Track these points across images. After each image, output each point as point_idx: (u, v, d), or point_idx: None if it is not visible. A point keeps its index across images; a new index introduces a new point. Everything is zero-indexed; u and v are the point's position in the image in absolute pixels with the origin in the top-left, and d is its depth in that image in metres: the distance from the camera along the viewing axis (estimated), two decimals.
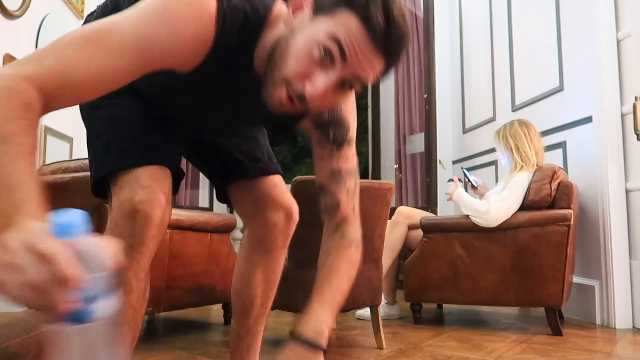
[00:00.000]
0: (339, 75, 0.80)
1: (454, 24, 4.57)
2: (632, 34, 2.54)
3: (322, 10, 0.80)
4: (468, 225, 2.49)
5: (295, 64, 0.80)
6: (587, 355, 1.96)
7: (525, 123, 2.65)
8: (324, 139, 1.03)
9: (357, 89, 0.85)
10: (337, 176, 1.03)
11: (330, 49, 0.78)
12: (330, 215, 1.05)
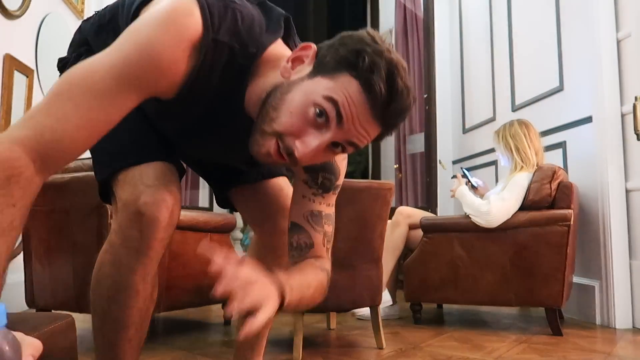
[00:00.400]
0: (332, 138, 0.79)
1: (454, 24, 4.57)
2: (632, 34, 2.54)
3: (324, 69, 0.78)
4: (468, 225, 2.49)
5: (289, 120, 0.78)
6: (587, 355, 1.96)
7: (525, 123, 2.65)
8: (311, 182, 1.00)
9: (349, 151, 0.84)
10: (317, 218, 1.00)
11: (327, 110, 0.76)
12: (301, 254, 0.99)
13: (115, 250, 0.92)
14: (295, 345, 1.86)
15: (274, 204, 1.19)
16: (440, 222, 2.65)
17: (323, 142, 0.78)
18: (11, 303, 2.62)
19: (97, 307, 0.97)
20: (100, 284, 0.95)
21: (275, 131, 0.79)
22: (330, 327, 2.44)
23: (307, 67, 0.81)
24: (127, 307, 0.95)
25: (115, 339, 0.98)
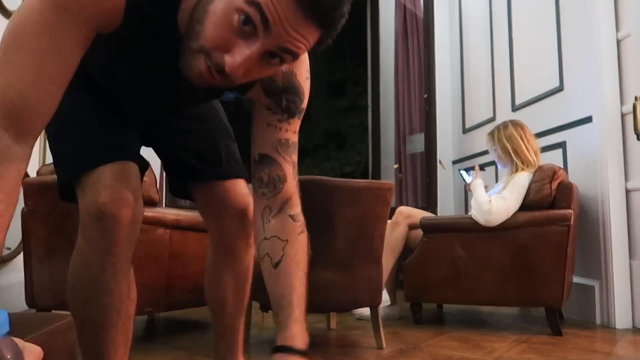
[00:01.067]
0: (263, 46, 0.71)
1: (454, 24, 4.57)
2: (632, 34, 2.54)
3: None
4: (468, 225, 2.49)
5: (214, 33, 0.71)
6: (587, 355, 1.96)
7: (520, 124, 2.64)
8: (274, 107, 0.93)
9: (289, 61, 0.75)
10: (285, 147, 0.94)
11: (251, 15, 0.69)
12: (275, 190, 0.93)
13: (82, 253, 0.92)
14: None
15: (217, 204, 1.17)
16: (440, 222, 2.65)
17: (253, 53, 0.71)
18: (11, 303, 2.62)
19: (75, 311, 0.96)
20: (75, 288, 0.95)
21: (202, 47, 0.72)
22: (330, 327, 2.44)
23: None
24: (103, 308, 0.95)
25: (97, 341, 0.97)
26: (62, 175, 0.96)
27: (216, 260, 1.25)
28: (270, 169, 0.93)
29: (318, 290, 1.92)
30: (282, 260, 0.92)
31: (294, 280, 0.91)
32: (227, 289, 1.25)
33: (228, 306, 1.27)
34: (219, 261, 1.24)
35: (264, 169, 0.94)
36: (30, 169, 2.88)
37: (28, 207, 2.16)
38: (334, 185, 1.94)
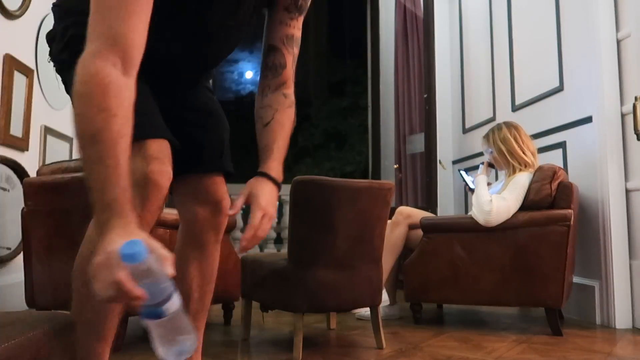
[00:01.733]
0: None
1: (454, 24, 4.57)
2: (632, 34, 2.54)
3: None
4: (468, 225, 2.49)
5: None
6: (587, 355, 1.96)
7: (514, 125, 2.64)
8: (292, 6, 1.15)
9: None
10: (291, 41, 1.16)
11: None
12: (276, 73, 1.16)
13: None
14: (295, 345, 1.86)
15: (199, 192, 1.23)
16: (440, 222, 2.65)
17: None
18: (11, 303, 2.62)
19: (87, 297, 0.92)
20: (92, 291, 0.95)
21: None
22: (330, 327, 2.44)
23: None
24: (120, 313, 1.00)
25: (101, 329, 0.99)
26: None
27: (185, 252, 1.27)
28: (275, 57, 1.15)
29: (318, 290, 1.92)
30: (271, 121, 1.13)
31: (277, 135, 1.12)
32: (193, 282, 1.27)
33: (193, 302, 1.27)
34: (188, 253, 1.27)
35: (270, 56, 1.16)
36: (30, 169, 2.88)
37: (28, 207, 2.16)
38: (334, 185, 1.94)
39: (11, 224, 2.65)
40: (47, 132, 3.15)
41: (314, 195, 1.92)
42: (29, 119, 2.93)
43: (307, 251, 1.92)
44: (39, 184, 2.13)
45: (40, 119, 3.06)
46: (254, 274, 2.13)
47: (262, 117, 1.14)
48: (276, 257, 2.10)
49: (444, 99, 4.35)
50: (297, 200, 1.93)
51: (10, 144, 2.77)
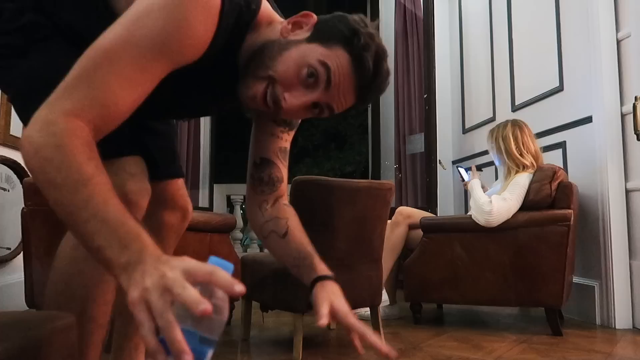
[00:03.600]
0: (317, 98, 0.87)
1: (454, 24, 4.57)
2: (632, 34, 2.54)
3: (321, 38, 0.87)
4: (468, 225, 2.49)
5: (284, 71, 0.85)
6: (587, 356, 1.96)
7: (519, 125, 2.63)
8: (280, 121, 1.09)
9: (325, 114, 0.91)
10: (284, 154, 1.12)
11: (319, 72, 0.85)
12: (274, 187, 1.11)
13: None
14: (295, 345, 1.86)
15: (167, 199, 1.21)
16: (440, 222, 2.65)
17: (309, 100, 0.87)
18: (11, 303, 2.62)
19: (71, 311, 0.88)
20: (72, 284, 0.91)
21: (270, 76, 0.86)
22: (330, 327, 2.44)
23: (305, 33, 0.89)
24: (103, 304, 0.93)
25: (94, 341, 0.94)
26: None
27: None
28: (271, 171, 1.10)
29: None
30: (288, 230, 1.07)
31: (303, 240, 1.07)
32: None
33: None
34: None
35: (265, 170, 1.10)
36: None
37: (28, 207, 2.16)
38: (334, 185, 1.94)
39: (11, 224, 2.65)
40: None
41: (314, 195, 1.92)
42: None
43: None
44: None
45: None
46: (254, 274, 2.13)
47: (275, 229, 1.08)
48: None
49: (444, 99, 4.35)
50: (297, 200, 1.93)
51: (10, 144, 2.77)
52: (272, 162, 1.10)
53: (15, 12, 0.93)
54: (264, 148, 1.10)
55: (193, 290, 0.59)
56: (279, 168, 1.11)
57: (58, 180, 0.67)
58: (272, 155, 1.10)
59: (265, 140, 1.10)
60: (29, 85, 0.90)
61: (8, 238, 2.74)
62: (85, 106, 0.72)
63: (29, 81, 0.90)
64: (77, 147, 0.69)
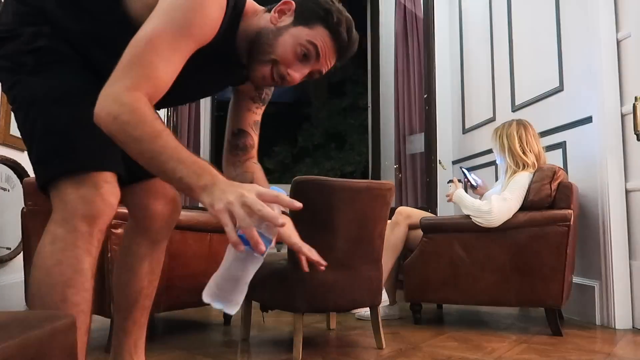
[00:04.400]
0: (311, 68, 1.13)
1: (454, 24, 4.57)
2: (632, 34, 2.54)
3: (303, 21, 1.10)
4: (468, 225, 2.49)
5: (283, 53, 1.09)
6: (587, 356, 1.96)
7: (524, 124, 2.63)
8: (257, 98, 1.33)
9: (317, 77, 1.17)
10: (256, 126, 1.35)
11: (310, 50, 1.10)
12: (246, 152, 1.32)
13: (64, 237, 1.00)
14: (295, 345, 1.86)
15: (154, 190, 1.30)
16: (440, 222, 2.65)
17: (306, 71, 1.12)
18: (11, 303, 2.62)
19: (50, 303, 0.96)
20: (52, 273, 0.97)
21: (272, 59, 1.09)
22: (330, 327, 2.44)
23: (289, 18, 1.11)
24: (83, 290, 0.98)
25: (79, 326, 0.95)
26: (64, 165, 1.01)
27: (139, 251, 1.31)
28: (246, 140, 1.33)
29: (318, 290, 1.92)
30: (253, 181, 1.27)
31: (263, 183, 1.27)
32: (144, 280, 1.31)
33: (141, 299, 1.31)
34: (141, 252, 1.31)
35: (241, 138, 1.33)
36: (30, 169, 2.88)
37: (28, 207, 2.15)
38: (334, 185, 1.94)
39: (11, 224, 2.65)
40: None
41: (314, 196, 1.92)
42: None
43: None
44: None
45: None
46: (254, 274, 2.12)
47: (243, 181, 1.24)
48: (276, 257, 2.10)
49: (444, 99, 4.35)
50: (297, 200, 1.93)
51: (10, 144, 2.77)
52: (247, 133, 1.33)
53: (32, 35, 1.08)
54: (241, 121, 1.33)
55: (268, 208, 0.85)
56: (252, 137, 1.34)
57: (137, 136, 0.88)
58: (248, 127, 1.33)
59: (243, 115, 1.33)
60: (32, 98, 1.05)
61: (8, 238, 2.74)
62: (140, 82, 0.93)
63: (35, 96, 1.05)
64: (146, 110, 0.90)
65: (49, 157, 1.03)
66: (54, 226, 1.03)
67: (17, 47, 1.08)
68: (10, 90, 1.09)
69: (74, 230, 1.00)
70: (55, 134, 1.03)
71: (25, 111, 1.06)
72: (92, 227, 1.01)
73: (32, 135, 1.05)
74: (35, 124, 1.04)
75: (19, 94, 1.07)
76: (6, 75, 1.10)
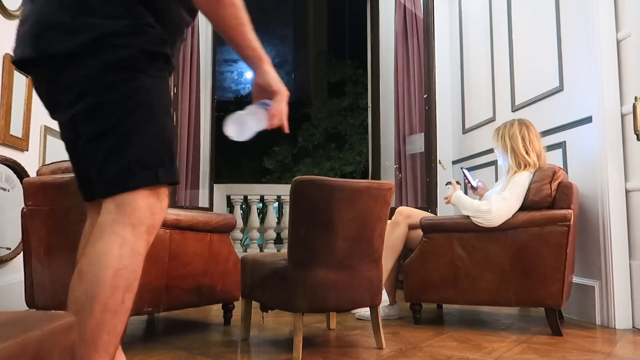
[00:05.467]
0: None
1: (454, 24, 4.57)
2: (632, 34, 2.54)
3: None
4: (468, 225, 2.49)
5: None
6: (587, 356, 1.96)
7: (526, 124, 2.63)
8: None
9: None
10: None
11: None
12: None
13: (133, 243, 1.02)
14: (295, 345, 1.86)
15: None
16: (440, 222, 2.65)
17: None
18: (11, 303, 2.62)
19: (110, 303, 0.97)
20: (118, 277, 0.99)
21: None
22: (330, 327, 2.44)
23: None
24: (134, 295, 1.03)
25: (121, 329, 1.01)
26: (171, 175, 1.09)
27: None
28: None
29: (318, 290, 1.92)
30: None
31: None
32: None
33: None
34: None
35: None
36: (30, 169, 2.88)
37: (28, 207, 2.16)
38: (334, 185, 1.94)
39: (11, 224, 2.65)
40: (47, 132, 3.15)
41: (314, 196, 1.92)
42: (29, 119, 2.93)
43: (307, 251, 1.92)
44: (39, 184, 2.13)
45: (40, 119, 3.06)
46: (254, 274, 2.13)
47: None
48: (276, 257, 2.10)
49: (444, 99, 4.35)
50: (297, 200, 1.93)
51: (10, 144, 2.77)
52: None
53: (160, 39, 1.10)
54: None
55: None
56: None
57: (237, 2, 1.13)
58: None
59: None
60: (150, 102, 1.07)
61: (8, 238, 2.74)
62: None
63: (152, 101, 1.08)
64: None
65: (151, 162, 1.05)
66: (121, 229, 1.01)
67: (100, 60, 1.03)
68: (123, 83, 1.04)
69: (140, 238, 1.02)
70: (163, 143, 1.07)
71: (134, 108, 1.04)
72: (150, 237, 1.05)
73: (136, 135, 1.04)
74: (148, 128, 1.05)
75: (134, 91, 1.05)
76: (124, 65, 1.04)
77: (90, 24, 1.03)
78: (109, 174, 1.03)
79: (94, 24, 1.03)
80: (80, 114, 1.05)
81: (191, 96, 4.59)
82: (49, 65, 1.06)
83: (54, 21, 1.04)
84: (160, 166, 1.05)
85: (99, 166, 1.04)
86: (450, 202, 2.64)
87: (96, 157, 1.04)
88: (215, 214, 2.55)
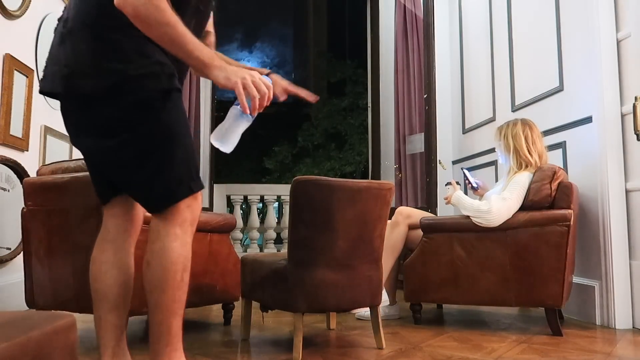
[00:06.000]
0: None
1: (454, 24, 4.57)
2: (632, 34, 2.54)
3: None
4: (468, 225, 2.49)
5: None
6: (587, 356, 1.96)
7: (529, 124, 2.63)
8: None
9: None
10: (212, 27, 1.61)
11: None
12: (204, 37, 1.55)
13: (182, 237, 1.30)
14: (295, 345, 1.86)
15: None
16: (440, 222, 2.65)
17: None
18: (11, 303, 2.62)
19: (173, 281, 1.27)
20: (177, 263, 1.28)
21: None
22: (330, 327, 2.44)
23: None
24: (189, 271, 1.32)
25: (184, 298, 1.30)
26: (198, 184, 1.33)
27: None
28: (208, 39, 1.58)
29: (318, 290, 1.92)
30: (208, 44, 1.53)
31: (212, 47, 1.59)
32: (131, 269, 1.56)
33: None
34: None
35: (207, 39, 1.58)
36: (30, 169, 2.88)
37: (28, 207, 2.16)
38: (334, 185, 1.94)
39: (11, 224, 2.65)
40: (47, 132, 3.15)
41: (314, 195, 1.92)
42: (29, 119, 2.93)
43: (307, 251, 1.92)
44: (39, 184, 2.13)
45: (40, 119, 3.07)
46: (254, 274, 2.13)
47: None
48: (276, 257, 2.10)
49: (444, 99, 4.35)
50: (297, 200, 1.93)
51: (10, 144, 2.77)
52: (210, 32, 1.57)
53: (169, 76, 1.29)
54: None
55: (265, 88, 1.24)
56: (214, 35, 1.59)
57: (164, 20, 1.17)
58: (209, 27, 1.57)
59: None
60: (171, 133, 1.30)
61: (8, 238, 2.74)
62: None
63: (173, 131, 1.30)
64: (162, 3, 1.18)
65: (185, 179, 1.31)
66: (172, 228, 1.29)
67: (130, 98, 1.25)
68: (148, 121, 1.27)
69: (186, 232, 1.31)
70: (190, 162, 1.33)
71: (159, 144, 1.28)
72: (194, 227, 1.35)
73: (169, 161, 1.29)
74: (175, 153, 1.29)
75: (158, 127, 1.28)
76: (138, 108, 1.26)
77: (111, 70, 1.24)
78: (155, 195, 1.29)
79: (114, 70, 1.24)
80: (115, 146, 1.28)
81: (191, 96, 4.59)
82: (78, 100, 1.29)
83: (80, 66, 1.25)
84: (191, 180, 1.31)
85: (147, 191, 1.31)
86: (450, 202, 2.64)
87: (140, 183, 1.31)
88: (215, 214, 2.55)
